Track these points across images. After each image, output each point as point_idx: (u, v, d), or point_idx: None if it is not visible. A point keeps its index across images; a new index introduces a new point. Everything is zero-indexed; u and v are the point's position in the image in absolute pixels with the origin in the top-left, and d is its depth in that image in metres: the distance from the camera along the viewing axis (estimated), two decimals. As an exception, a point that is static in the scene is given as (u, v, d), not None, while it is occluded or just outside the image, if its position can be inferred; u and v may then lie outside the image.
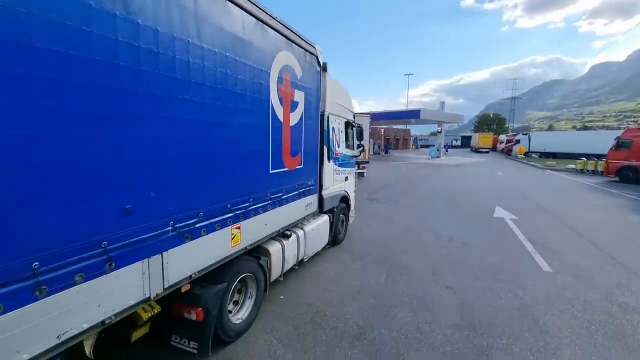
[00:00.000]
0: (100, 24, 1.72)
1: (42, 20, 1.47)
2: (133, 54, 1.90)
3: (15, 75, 1.41)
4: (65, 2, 1.56)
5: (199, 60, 2.43)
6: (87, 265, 1.77)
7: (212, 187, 2.71)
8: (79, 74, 1.65)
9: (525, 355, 3.14)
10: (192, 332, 2.84)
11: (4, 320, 1.44)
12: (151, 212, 2.14)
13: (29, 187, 1.50)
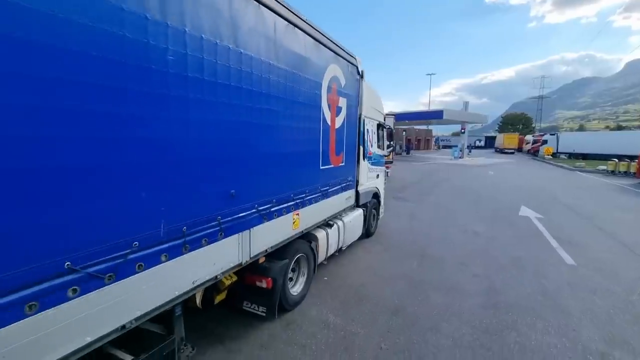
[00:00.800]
0: (233, 60, 2.36)
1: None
2: (243, 76, 2.55)
3: (167, 96, 2.04)
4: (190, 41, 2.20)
5: (276, 77, 3.04)
6: (210, 233, 2.41)
7: (282, 179, 3.32)
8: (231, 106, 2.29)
9: (548, 331, 3.57)
10: (261, 298, 3.46)
11: (172, 264, 2.09)
12: (245, 197, 2.77)
13: (189, 177, 2.19)
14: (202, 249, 2.36)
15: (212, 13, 2.28)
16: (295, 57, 3.37)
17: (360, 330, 3.53)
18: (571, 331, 3.59)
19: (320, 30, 3.81)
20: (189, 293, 2.34)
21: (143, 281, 1.93)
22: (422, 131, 53.49)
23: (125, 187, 1.80)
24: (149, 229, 1.95)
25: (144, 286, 1.95)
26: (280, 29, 3.09)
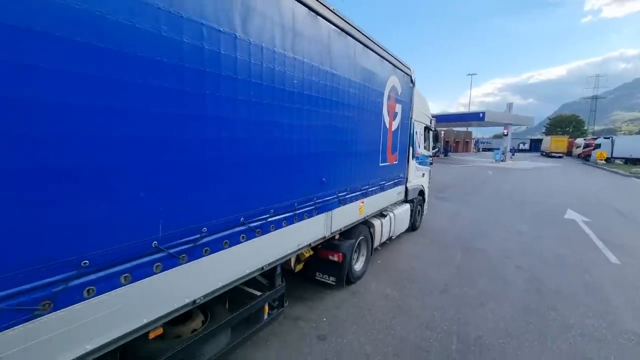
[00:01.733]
0: (329, 80, 3.14)
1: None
2: (333, 91, 3.34)
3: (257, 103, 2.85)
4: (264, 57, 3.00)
5: (350, 88, 3.78)
6: (309, 210, 3.21)
7: (354, 172, 4.07)
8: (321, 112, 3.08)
9: (587, 314, 3.98)
10: (332, 270, 4.22)
11: (288, 229, 2.90)
12: (331, 185, 3.54)
13: (301, 166, 2.99)
14: (304, 221, 3.16)
15: (319, 47, 3.09)
16: (365, 72, 4.10)
17: (414, 302, 4.18)
18: (610, 315, 3.97)
19: (384, 47, 4.51)
20: (293, 253, 3.16)
21: (273, 238, 2.76)
22: (461, 133, 52.07)
23: (278, 174, 2.72)
24: (280, 202, 2.79)
25: (275, 241, 2.78)
26: (359, 51, 3.84)
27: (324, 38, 3.17)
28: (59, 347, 1.45)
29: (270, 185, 2.67)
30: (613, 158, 33.06)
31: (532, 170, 24.76)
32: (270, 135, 2.61)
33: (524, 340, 3.42)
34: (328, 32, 3.24)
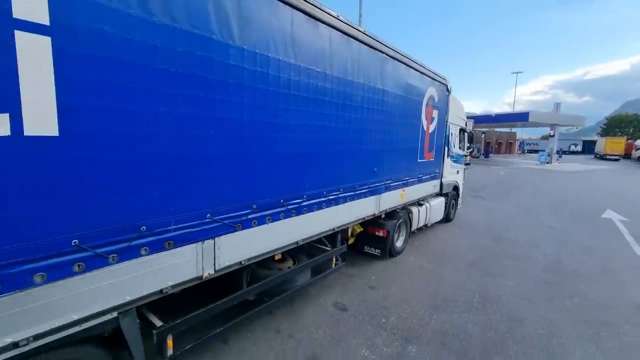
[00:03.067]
0: (381, 94, 4.25)
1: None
2: (384, 103, 4.44)
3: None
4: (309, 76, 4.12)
5: (395, 100, 4.84)
6: (364, 192, 4.34)
7: (397, 165, 5.13)
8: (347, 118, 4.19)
9: (599, 289, 4.68)
10: (378, 243, 5.30)
11: (351, 204, 4.04)
12: (379, 174, 4.64)
13: (364, 159, 4.11)
14: (360, 200, 4.29)
15: (374, 70, 4.21)
16: (407, 86, 5.14)
17: (445, 272, 5.14)
18: (619, 290, 4.65)
19: (423, 65, 5.52)
20: (352, 223, 4.32)
21: (341, 209, 3.93)
22: (503, 134, 50.12)
23: (345, 164, 3.84)
24: (345, 183, 3.94)
25: (342, 212, 3.96)
26: (403, 70, 4.91)
27: (378, 62, 4.29)
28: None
29: (338, 171, 3.83)
30: (678, 161, 30.39)
31: (580, 173, 23.78)
32: (343, 138, 3.78)
33: (535, 300, 4.27)
34: (380, 58, 4.36)
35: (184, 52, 2.14)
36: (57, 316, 1.75)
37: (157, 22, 1.99)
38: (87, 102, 1.75)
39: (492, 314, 3.91)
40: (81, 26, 1.68)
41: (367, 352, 3.13)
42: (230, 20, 2.42)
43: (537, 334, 3.53)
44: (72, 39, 1.66)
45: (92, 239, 1.83)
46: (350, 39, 3.74)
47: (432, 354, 3.12)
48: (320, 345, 3.21)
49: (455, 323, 3.67)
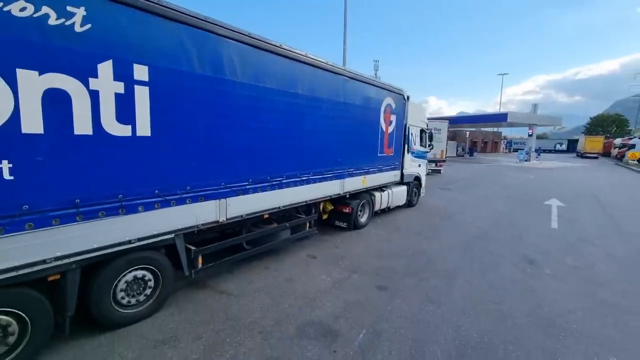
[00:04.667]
0: (344, 108, 5.91)
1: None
2: (348, 110, 6.09)
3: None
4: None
5: (355, 108, 6.49)
6: (329, 177, 5.97)
7: (359, 158, 6.79)
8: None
9: (504, 247, 6.37)
10: (345, 218, 6.95)
11: (322, 183, 5.69)
12: (343, 164, 6.28)
13: (331, 151, 5.77)
14: (327, 182, 5.93)
15: (338, 87, 5.86)
16: (365, 97, 6.80)
17: (395, 238, 6.80)
18: (517, 248, 6.34)
19: (379, 81, 7.20)
20: (321, 199, 5.96)
21: (313, 187, 5.57)
22: (489, 133, 52.25)
23: (316, 155, 5.47)
24: (314, 169, 5.58)
25: (313, 189, 5.60)
26: (360, 87, 6.57)
27: (340, 82, 5.95)
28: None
29: (309, 160, 5.47)
30: (648, 158, 32.49)
31: (553, 170, 25.70)
32: (312, 136, 5.43)
33: (451, 252, 5.96)
34: (342, 80, 6.02)
35: (214, 90, 3.78)
36: (151, 230, 3.38)
37: (197, 73, 3.62)
38: (165, 119, 3.37)
39: (417, 259, 5.58)
40: (161, 81, 3.30)
41: (325, 277, 4.77)
42: (236, 67, 4.05)
43: (443, 268, 5.21)
44: (158, 88, 3.28)
45: (164, 192, 3.45)
46: (317, 69, 5.39)
47: (367, 278, 4.77)
48: (295, 274, 4.84)
49: (389, 264, 5.33)
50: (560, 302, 4.21)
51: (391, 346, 3.21)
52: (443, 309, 3.98)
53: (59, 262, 2.79)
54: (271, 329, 3.44)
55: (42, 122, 2.56)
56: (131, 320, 3.41)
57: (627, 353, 3.22)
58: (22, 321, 2.68)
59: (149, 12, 3.14)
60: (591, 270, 5.32)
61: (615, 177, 21.02)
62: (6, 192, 2.45)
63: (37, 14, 2.46)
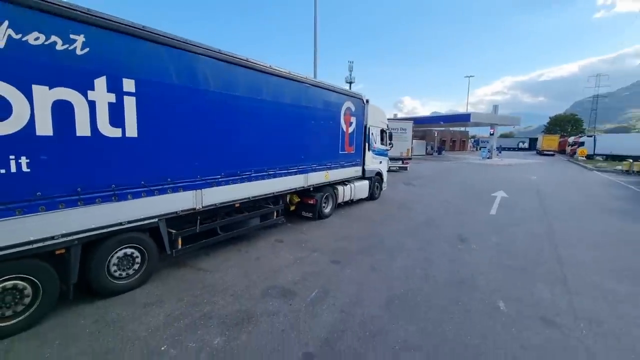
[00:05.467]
0: (309, 112, 6.77)
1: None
2: (310, 113, 6.97)
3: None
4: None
5: (321, 112, 7.40)
6: (294, 171, 6.83)
7: (322, 155, 7.69)
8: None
9: (443, 230, 7.48)
10: (311, 209, 7.84)
11: (286, 177, 6.53)
12: (308, 160, 7.15)
13: (294, 149, 6.62)
14: (292, 176, 6.78)
15: (300, 94, 6.72)
16: (328, 102, 7.72)
17: (355, 225, 7.76)
18: (456, 230, 7.47)
19: (340, 87, 8.14)
20: (287, 191, 6.80)
21: (278, 180, 6.40)
22: (457, 133, 55.07)
23: (282, 152, 6.30)
24: (281, 164, 6.41)
25: (279, 182, 6.43)
26: (325, 93, 7.48)
27: (301, 89, 6.81)
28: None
29: (275, 157, 6.30)
30: (595, 155, 35.79)
31: (512, 166, 27.89)
32: (278, 135, 6.26)
33: (399, 234, 6.98)
34: (303, 87, 6.88)
35: (190, 98, 4.53)
36: (138, 215, 4.09)
37: (176, 84, 4.36)
38: (148, 123, 4.09)
39: (369, 241, 6.55)
40: (146, 91, 4.03)
41: (289, 256, 5.62)
42: (209, 78, 4.82)
43: (390, 247, 6.20)
44: (142, 97, 4.00)
45: (149, 183, 4.17)
46: (281, 78, 6.23)
47: (325, 256, 5.66)
48: (264, 254, 5.66)
49: (345, 245, 6.26)
50: (475, 268, 5.29)
51: (335, 300, 4.12)
52: (382, 274, 4.94)
53: (65, 239, 3.47)
54: (241, 292, 4.25)
55: (52, 126, 3.24)
56: (123, 290, 4.10)
57: (515, 301, 4.29)
58: (35, 286, 3.35)
59: (135, 36, 3.86)
60: (508, 245, 6.50)
61: (563, 172, 23.26)
62: (25, 182, 3.12)
63: (47, 41, 3.15)
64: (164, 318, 3.61)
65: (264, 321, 3.60)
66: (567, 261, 5.66)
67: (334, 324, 3.57)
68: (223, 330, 3.41)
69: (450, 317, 3.77)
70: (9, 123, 2.98)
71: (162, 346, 3.13)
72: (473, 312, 3.93)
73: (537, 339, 3.40)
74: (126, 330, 3.38)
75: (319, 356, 3.05)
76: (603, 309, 4.06)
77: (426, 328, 3.54)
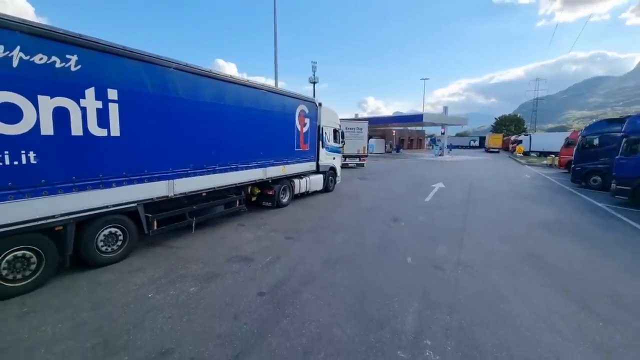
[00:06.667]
0: (264, 115, 7.88)
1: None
2: (268, 115, 8.08)
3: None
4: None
5: (277, 116, 8.54)
6: (254, 165, 7.92)
7: (279, 152, 8.83)
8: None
9: (383, 213, 8.97)
10: (270, 199, 8.97)
11: (248, 170, 7.60)
12: (266, 155, 8.26)
13: (255, 147, 7.69)
14: (252, 169, 7.87)
15: (259, 99, 7.82)
16: (283, 105, 8.88)
17: (308, 212, 9.01)
18: (391, 214, 8.98)
19: (295, 94, 9.34)
20: (247, 182, 7.87)
21: (240, 173, 7.47)
22: (414, 132, 58.68)
23: (244, 148, 7.35)
24: (242, 159, 7.47)
25: (240, 174, 7.49)
26: (281, 98, 8.62)
27: (259, 94, 7.91)
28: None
29: (237, 152, 7.35)
30: (531, 152, 40.25)
31: (459, 162, 30.81)
32: (239, 135, 7.31)
33: (347, 218, 8.34)
34: (261, 93, 7.99)
35: (162, 103, 5.48)
36: (121, 200, 5.00)
37: (150, 92, 5.30)
38: (129, 124, 5.01)
39: (319, 223, 7.83)
40: (126, 99, 4.95)
41: (249, 235, 6.73)
42: (177, 87, 5.79)
43: (335, 226, 7.51)
44: (124, 103, 4.91)
45: (129, 174, 5.08)
46: (240, 86, 7.30)
47: (280, 234, 6.83)
48: (228, 234, 6.70)
49: (298, 226, 7.47)
50: (398, 238, 6.74)
51: (285, 262, 5.31)
52: (324, 245, 6.22)
53: (62, 218, 4.33)
54: (209, 261, 5.30)
55: (53, 127, 4.10)
56: (109, 262, 4.99)
57: (420, 257, 5.75)
58: (39, 256, 4.19)
59: (117, 55, 4.78)
60: (430, 223, 8.09)
61: (499, 166, 26.32)
62: (32, 171, 3.97)
63: (49, 61, 4.02)
64: (147, 279, 4.59)
65: (228, 277, 4.71)
66: (469, 231, 7.32)
67: (282, 276, 4.76)
68: (196, 283, 4.48)
69: (370, 268, 5.12)
70: (20, 125, 3.83)
71: (149, 294, 4.13)
72: (387, 263, 5.32)
73: (427, 277, 4.84)
74: (117, 287, 4.33)
75: (269, 293, 4.23)
76: (478, 260, 5.64)
77: (350, 274, 4.86)
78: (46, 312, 3.66)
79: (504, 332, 3.47)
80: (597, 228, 7.86)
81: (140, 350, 3.03)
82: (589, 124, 16.56)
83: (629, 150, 10.43)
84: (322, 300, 4.09)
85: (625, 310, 4.00)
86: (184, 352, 3.02)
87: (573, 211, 9.75)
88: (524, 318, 3.76)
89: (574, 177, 15.27)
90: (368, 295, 4.25)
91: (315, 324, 3.55)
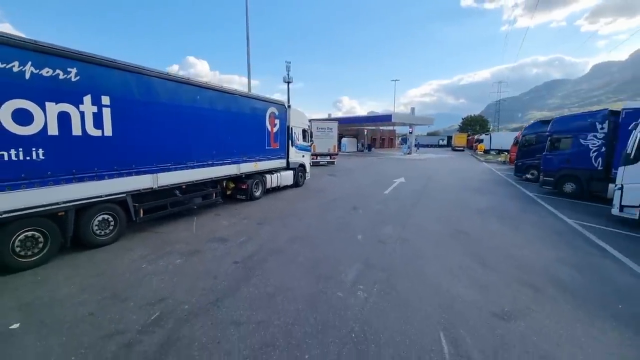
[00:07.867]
0: (236, 117, 8.84)
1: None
2: (239, 117, 9.05)
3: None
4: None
5: (245, 116, 9.52)
6: (228, 162, 8.87)
7: (251, 150, 9.82)
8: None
9: (346, 204, 10.20)
10: (244, 192, 9.95)
11: (221, 166, 8.54)
12: (240, 153, 9.23)
13: (228, 146, 8.64)
14: (226, 165, 8.82)
15: (231, 102, 8.78)
16: (254, 108, 9.88)
17: (270, 204, 10.06)
18: (353, 203, 10.23)
19: (265, 97, 10.36)
20: (223, 177, 8.82)
21: (216, 168, 8.40)
22: (386, 131, 61.03)
23: (219, 146, 8.28)
24: (218, 156, 8.41)
25: (215, 169, 8.43)
26: (252, 102, 9.61)
27: (231, 99, 8.87)
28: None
29: (213, 150, 8.28)
30: (491, 150, 43.39)
31: (424, 160, 32.88)
32: (215, 134, 8.25)
33: (312, 208, 9.49)
34: (234, 97, 8.95)
35: (148, 108, 6.35)
36: (112, 190, 5.84)
37: (137, 98, 6.17)
38: (119, 126, 5.86)
39: (287, 211, 8.92)
40: (117, 104, 5.80)
41: (225, 222, 7.70)
42: (160, 93, 6.66)
43: (300, 214, 8.62)
44: (115, 108, 5.76)
45: (119, 168, 5.93)
46: (215, 91, 8.23)
47: (252, 221, 7.85)
48: (206, 222, 7.64)
49: (268, 215, 8.52)
50: (354, 221, 7.97)
51: (256, 241, 6.36)
52: (291, 227, 7.33)
53: (64, 205, 5.15)
54: (191, 241, 6.25)
55: (57, 128, 4.92)
56: (103, 244, 5.81)
57: (368, 235, 6.98)
58: (45, 236, 4.99)
59: (109, 67, 5.62)
60: (383, 210, 9.40)
61: (460, 163, 28.56)
62: (40, 166, 4.78)
63: (53, 73, 4.84)
64: (138, 256, 5.49)
65: (208, 252, 5.70)
66: (413, 216, 8.70)
67: (252, 251, 5.82)
68: (181, 257, 5.45)
69: (326, 243, 6.29)
70: (32, 127, 4.64)
71: (142, 265, 5.06)
72: (341, 239, 6.52)
73: (371, 248, 6.07)
74: (113, 262, 5.21)
75: (242, 262, 5.28)
76: (413, 235, 6.96)
77: (309, 248, 6.01)
78: (57, 279, 4.52)
79: (417, 280, 4.75)
80: (519, 212, 9.51)
81: (143, 299, 4.01)
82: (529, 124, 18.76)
83: (552, 147, 12.35)
84: (285, 265, 5.20)
85: (509, 263, 5.43)
86: (176, 299, 4.03)
87: (507, 199, 11.47)
88: (434, 271, 5.07)
89: (516, 171, 17.36)
90: (321, 261, 5.40)
91: (279, 279, 4.65)
